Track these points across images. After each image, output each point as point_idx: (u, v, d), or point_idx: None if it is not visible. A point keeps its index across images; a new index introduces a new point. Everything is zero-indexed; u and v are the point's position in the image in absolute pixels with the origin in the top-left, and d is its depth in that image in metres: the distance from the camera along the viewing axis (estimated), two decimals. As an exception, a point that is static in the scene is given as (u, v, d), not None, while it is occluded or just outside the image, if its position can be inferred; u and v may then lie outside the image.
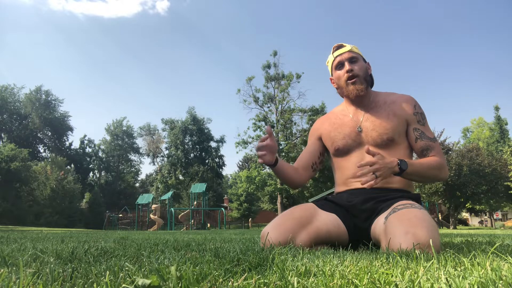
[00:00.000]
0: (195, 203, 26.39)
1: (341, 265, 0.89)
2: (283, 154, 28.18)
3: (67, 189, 35.27)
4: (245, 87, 32.86)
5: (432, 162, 1.60)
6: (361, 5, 76.99)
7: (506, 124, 43.26)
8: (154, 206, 21.66)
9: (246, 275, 0.77)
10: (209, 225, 27.44)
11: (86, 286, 0.71)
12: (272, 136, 1.56)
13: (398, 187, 1.64)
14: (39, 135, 46.80)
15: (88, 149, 51.83)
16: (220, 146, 48.37)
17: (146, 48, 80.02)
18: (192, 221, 23.12)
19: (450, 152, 23.39)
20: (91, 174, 51.90)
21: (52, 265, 0.92)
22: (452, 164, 21.22)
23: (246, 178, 29.67)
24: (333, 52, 1.79)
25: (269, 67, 29.86)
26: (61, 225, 29.82)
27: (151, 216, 21.17)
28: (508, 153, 24.07)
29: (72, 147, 49.68)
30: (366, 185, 1.43)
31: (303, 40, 79.20)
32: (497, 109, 44.24)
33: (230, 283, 0.71)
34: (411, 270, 0.78)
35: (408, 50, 78.61)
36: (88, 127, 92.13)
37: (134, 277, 0.75)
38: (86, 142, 51.70)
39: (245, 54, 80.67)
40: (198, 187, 24.64)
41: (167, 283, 0.69)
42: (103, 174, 52.39)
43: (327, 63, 1.84)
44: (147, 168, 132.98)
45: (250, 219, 31.16)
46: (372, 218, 1.55)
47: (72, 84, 78.57)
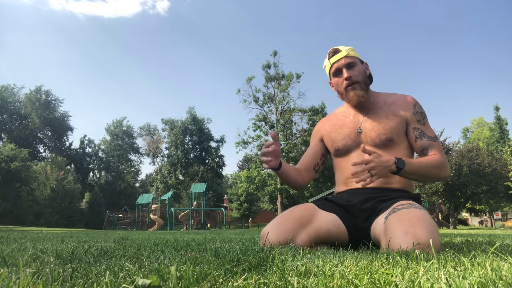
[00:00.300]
0: (195, 203, 26.40)
1: (341, 265, 0.89)
2: (283, 154, 28.17)
3: (67, 189, 35.28)
4: (245, 87, 32.89)
5: (432, 160, 1.59)
6: (361, 5, 77.08)
7: (506, 124, 43.29)
8: (154, 206, 21.67)
9: (246, 275, 0.77)
10: (209, 225, 27.44)
11: (86, 286, 0.71)
12: (277, 140, 1.58)
13: (398, 187, 1.64)
14: (39, 135, 46.82)
15: (88, 149, 51.88)
16: (220, 146, 48.47)
17: (146, 48, 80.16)
18: (192, 221, 23.12)
19: (450, 152, 23.39)
20: (91, 174, 51.94)
21: (52, 265, 0.92)
22: (452, 164, 21.22)
23: (246, 178, 29.69)
24: (329, 58, 1.77)
25: (269, 67, 29.87)
26: (61, 225, 29.82)
27: (151, 216, 21.18)
28: (508, 153, 24.08)
29: (72, 147, 49.77)
30: (361, 184, 1.43)
31: (303, 40, 79.32)
32: (497, 109, 44.29)
33: (230, 283, 0.71)
34: (411, 270, 0.78)
35: (408, 50, 78.73)
36: (88, 127, 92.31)
37: (134, 277, 0.75)
38: (86, 142, 51.74)
39: (245, 54, 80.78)
40: (198, 187, 24.65)
41: (167, 283, 0.69)
42: (103, 174, 52.40)
43: (324, 67, 1.83)
44: (147, 168, 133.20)
45: (250, 219, 31.16)
46: (372, 218, 1.55)
47: (72, 84, 78.70)
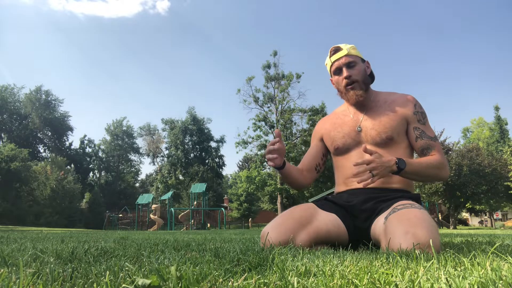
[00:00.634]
0: (195, 203, 26.40)
1: (341, 265, 0.89)
2: (283, 154, 28.16)
3: (67, 189, 35.27)
4: (245, 87, 32.85)
5: (432, 161, 1.59)
6: (361, 4, 77.07)
7: (506, 124, 43.27)
8: (154, 206, 21.68)
9: (246, 275, 0.77)
10: (209, 225, 27.44)
11: (86, 286, 0.71)
12: (281, 139, 1.58)
13: (398, 187, 1.64)
14: (39, 135, 46.81)
15: (88, 149, 51.86)
16: (220, 146, 48.45)
17: (146, 48, 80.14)
18: (192, 221, 23.13)
19: (450, 152, 23.38)
20: (91, 174, 51.92)
21: (52, 265, 0.92)
22: (452, 164, 21.21)
23: (246, 178, 29.66)
24: (330, 56, 1.78)
25: (269, 67, 29.86)
26: (61, 225, 29.82)
27: (151, 216, 21.18)
28: (508, 153, 24.08)
29: (72, 147, 49.74)
30: (362, 184, 1.43)
31: (303, 40, 79.28)
32: (497, 109, 44.27)
33: (230, 283, 0.71)
34: (411, 270, 0.78)
35: (408, 49, 78.70)
36: (88, 127, 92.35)
37: (134, 277, 0.75)
38: (86, 142, 51.72)
39: (245, 54, 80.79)
40: (198, 187, 24.66)
41: (167, 283, 0.69)
42: (103, 174, 52.39)
43: (326, 64, 1.84)
44: (147, 168, 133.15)
45: (250, 219, 31.15)
46: (372, 218, 1.55)
47: (72, 84, 78.73)
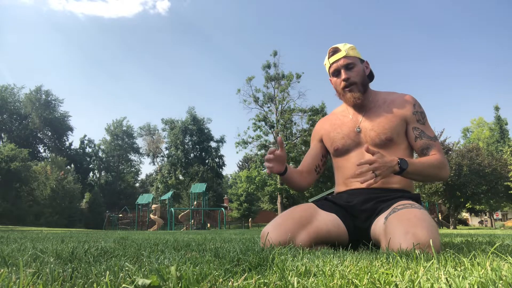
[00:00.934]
0: (195, 203, 26.40)
1: (341, 265, 0.89)
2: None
3: (67, 189, 35.26)
4: (245, 87, 32.83)
5: (433, 160, 1.58)
6: (361, 3, 77.07)
7: (506, 124, 43.25)
8: (154, 206, 21.68)
9: (246, 275, 0.77)
10: (209, 225, 27.43)
11: (86, 286, 0.71)
12: (283, 146, 1.59)
13: (398, 187, 1.64)
14: (39, 135, 46.80)
15: (88, 149, 51.86)
16: (220, 146, 48.43)
17: (147, 48, 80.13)
18: (192, 221, 23.13)
19: (450, 152, 23.37)
20: (91, 174, 51.92)
21: (52, 265, 0.92)
22: (452, 164, 21.20)
23: (246, 178, 29.66)
24: (328, 57, 1.77)
25: (269, 67, 29.84)
26: (61, 225, 29.81)
27: (151, 216, 21.19)
28: (508, 153, 24.07)
29: (72, 147, 49.74)
30: (365, 184, 1.42)
31: (303, 40, 79.30)
32: (497, 109, 44.26)
33: (230, 283, 0.71)
34: (411, 270, 0.78)
35: (408, 49, 78.72)
36: (88, 127, 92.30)
37: (134, 277, 0.75)
38: (86, 142, 51.72)
39: (245, 54, 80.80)
40: (198, 187, 24.66)
41: (167, 283, 0.69)
42: (103, 174, 52.39)
43: (324, 64, 1.84)
44: (147, 168, 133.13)
45: (250, 219, 31.14)
46: (372, 219, 1.55)
47: (72, 84, 78.71)
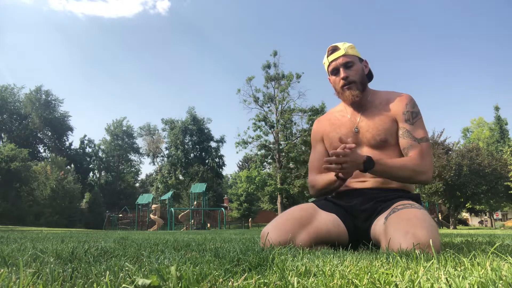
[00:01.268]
0: (195, 203, 26.40)
1: (341, 265, 0.89)
2: (283, 154, 28.20)
3: (67, 189, 35.24)
4: (245, 87, 32.74)
5: (407, 162, 1.55)
6: (361, 3, 77.06)
7: (506, 124, 43.21)
8: (154, 206, 21.67)
9: (246, 275, 0.77)
10: (209, 225, 27.42)
11: (86, 286, 0.71)
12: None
13: (398, 187, 1.64)
14: (39, 135, 46.78)
15: (88, 149, 51.82)
16: (220, 146, 48.40)
17: (147, 48, 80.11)
18: (192, 221, 23.12)
19: (450, 152, 23.37)
20: (91, 174, 51.89)
21: (52, 265, 0.92)
22: (452, 164, 21.20)
23: (246, 178, 29.62)
24: (327, 56, 1.77)
25: (269, 67, 29.81)
26: (61, 225, 29.79)
27: (151, 216, 21.18)
28: (508, 153, 24.05)
29: (72, 147, 49.68)
30: (333, 175, 1.52)
31: (303, 40, 79.30)
32: (497, 109, 44.23)
33: (230, 283, 0.71)
34: (411, 270, 0.78)
35: (408, 49, 78.70)
36: (88, 127, 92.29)
37: (134, 277, 0.75)
38: (86, 142, 51.68)
39: (245, 54, 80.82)
40: (198, 187, 24.66)
41: (167, 283, 0.69)
42: (103, 174, 52.37)
43: (324, 63, 1.84)
44: (147, 168, 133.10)
45: (250, 219, 31.13)
46: (372, 219, 1.55)
47: (72, 84, 78.63)
